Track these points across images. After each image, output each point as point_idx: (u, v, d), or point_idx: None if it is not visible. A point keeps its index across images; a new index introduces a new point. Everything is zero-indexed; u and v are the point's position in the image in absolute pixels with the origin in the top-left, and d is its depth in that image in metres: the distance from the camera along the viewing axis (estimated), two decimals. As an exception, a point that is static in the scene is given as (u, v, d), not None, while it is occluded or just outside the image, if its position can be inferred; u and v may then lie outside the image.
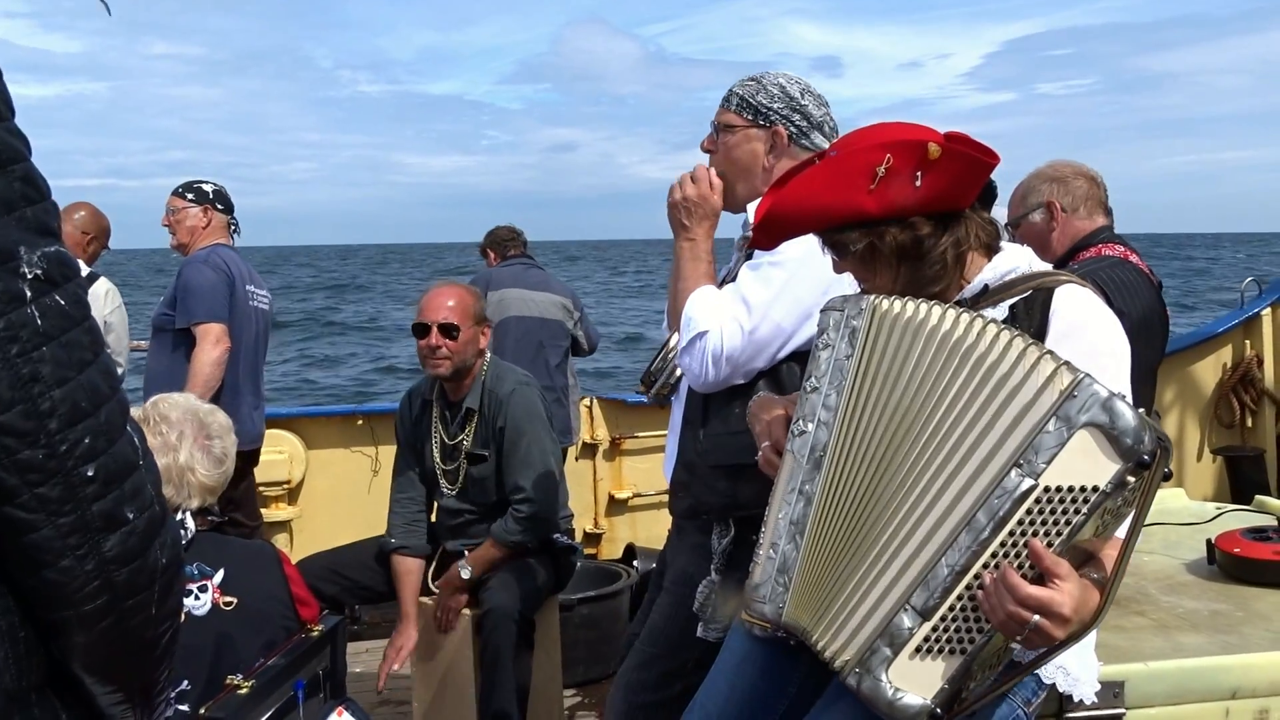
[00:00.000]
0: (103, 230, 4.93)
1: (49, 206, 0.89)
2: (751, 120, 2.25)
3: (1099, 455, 1.38)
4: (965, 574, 1.45)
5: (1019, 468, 1.42)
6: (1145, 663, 2.01)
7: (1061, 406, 1.40)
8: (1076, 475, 1.40)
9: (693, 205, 2.25)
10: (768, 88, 2.26)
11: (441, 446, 3.57)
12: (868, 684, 1.50)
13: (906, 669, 1.48)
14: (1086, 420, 1.39)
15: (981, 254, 1.72)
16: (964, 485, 1.48)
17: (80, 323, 0.89)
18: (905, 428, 1.55)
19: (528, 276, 5.44)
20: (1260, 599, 2.34)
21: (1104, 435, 1.38)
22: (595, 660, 4.24)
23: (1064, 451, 1.40)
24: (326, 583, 3.44)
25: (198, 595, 2.21)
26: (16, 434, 0.83)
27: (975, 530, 1.45)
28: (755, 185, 2.24)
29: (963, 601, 1.46)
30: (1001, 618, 1.41)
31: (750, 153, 2.26)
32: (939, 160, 1.58)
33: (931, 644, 1.48)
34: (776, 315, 2.11)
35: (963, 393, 1.50)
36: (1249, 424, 5.76)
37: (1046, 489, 1.41)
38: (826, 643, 1.58)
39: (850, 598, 1.56)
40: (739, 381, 2.16)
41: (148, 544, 0.92)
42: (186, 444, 2.27)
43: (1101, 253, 2.98)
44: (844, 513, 1.59)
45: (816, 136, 2.26)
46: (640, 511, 5.69)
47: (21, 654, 0.89)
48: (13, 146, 0.87)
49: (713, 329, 2.13)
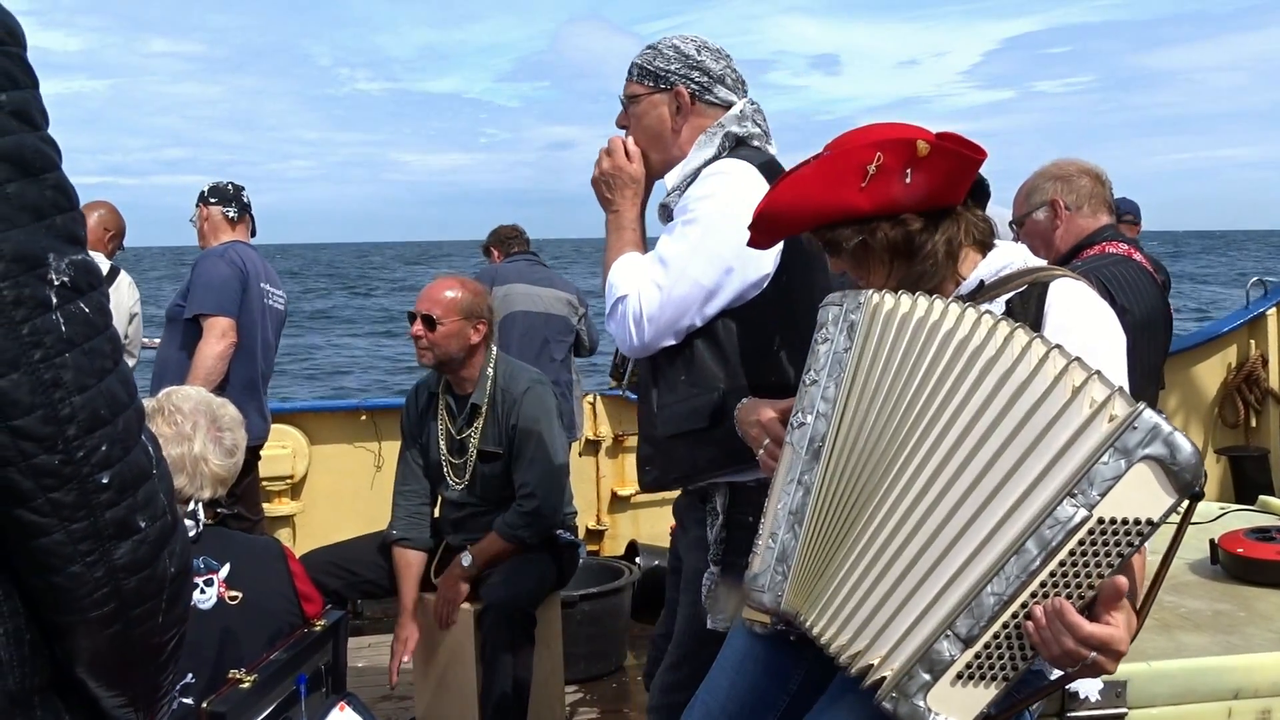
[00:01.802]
0: (120, 228, 5.09)
1: (77, 215, 0.90)
2: (653, 86, 2.27)
3: (1156, 488, 1.37)
4: (1012, 603, 1.43)
5: (1072, 498, 1.39)
6: (1148, 662, 2.01)
7: (1120, 438, 1.38)
8: (1132, 508, 1.38)
9: (610, 177, 2.28)
10: (663, 51, 2.28)
11: (448, 439, 3.58)
12: (905, 709, 1.48)
13: (946, 695, 1.47)
14: (1146, 454, 1.37)
15: (976, 250, 1.75)
16: (994, 494, 1.46)
17: (103, 330, 0.89)
18: (902, 420, 1.57)
19: (532, 272, 5.45)
20: (1263, 599, 2.34)
21: (1163, 469, 1.36)
22: (597, 656, 4.25)
23: (1120, 484, 1.37)
24: (329, 577, 3.45)
25: (203, 589, 2.22)
26: (35, 438, 0.84)
27: (1024, 559, 1.42)
28: (669, 149, 2.28)
29: (1008, 630, 1.45)
30: (1057, 653, 1.40)
31: (658, 118, 2.28)
32: (928, 157, 1.62)
33: (974, 671, 1.47)
34: (694, 271, 2.11)
35: (959, 386, 1.51)
36: (1253, 424, 5.75)
37: (1100, 520, 1.39)
38: (822, 629, 1.60)
39: (844, 585, 1.58)
40: (670, 342, 2.17)
41: (158, 552, 0.93)
42: (200, 435, 2.28)
43: (1105, 250, 2.98)
44: (842, 502, 1.61)
45: (720, 90, 2.27)
46: (643, 508, 5.69)
47: (26, 656, 0.90)
48: (46, 155, 0.88)
49: (631, 292, 2.15)
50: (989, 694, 1.46)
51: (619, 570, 4.53)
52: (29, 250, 0.84)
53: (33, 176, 0.86)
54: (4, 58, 0.86)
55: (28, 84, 0.88)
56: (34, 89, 0.89)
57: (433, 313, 3.44)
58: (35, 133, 0.87)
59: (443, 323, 3.44)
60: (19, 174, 0.85)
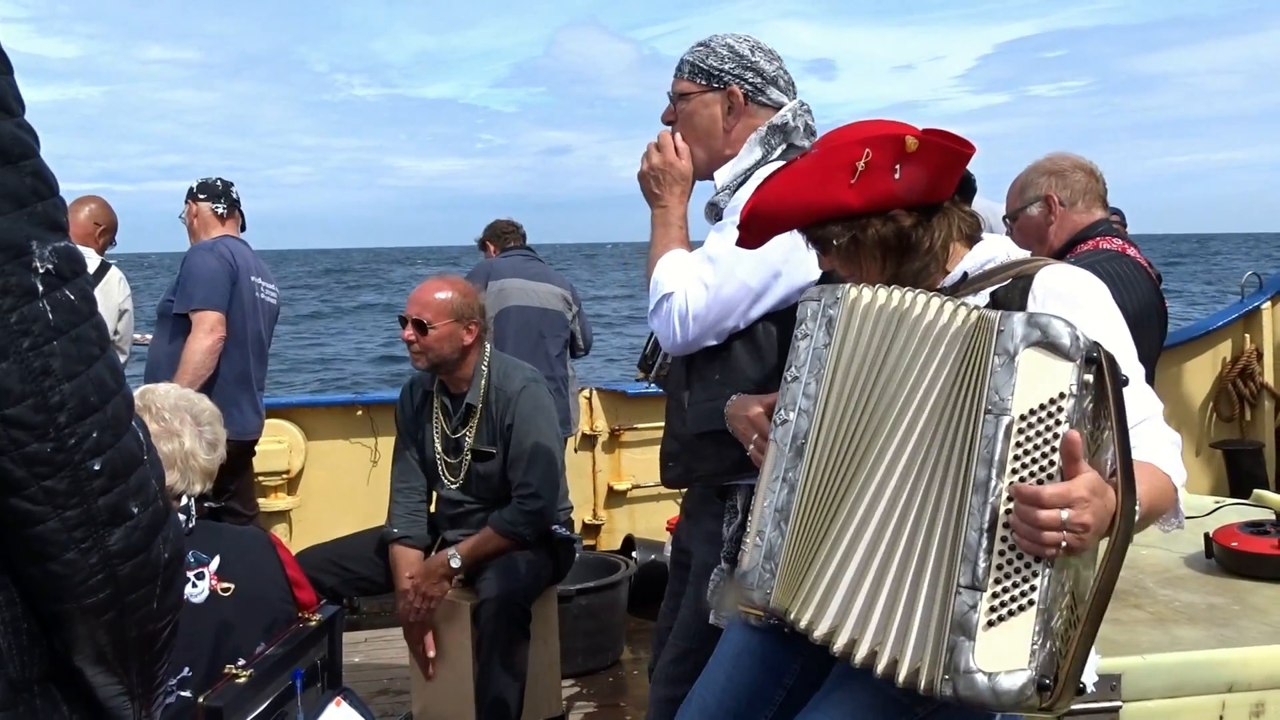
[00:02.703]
0: (112, 223, 5.04)
1: (58, 202, 0.90)
2: (706, 84, 2.25)
3: (1050, 366, 1.44)
4: (995, 528, 1.44)
5: (989, 413, 1.46)
6: (1142, 655, 2.02)
7: (998, 343, 1.47)
8: (1040, 394, 1.45)
9: (659, 173, 2.27)
10: (717, 50, 2.26)
11: (443, 439, 3.57)
12: (964, 685, 1.42)
13: (989, 647, 1.42)
14: (1023, 343, 1.46)
15: (963, 244, 1.76)
16: (949, 454, 1.50)
17: (89, 317, 0.89)
18: (882, 412, 1.59)
19: (527, 267, 5.43)
20: (1257, 593, 2.35)
21: (1044, 349, 1.45)
22: (593, 651, 4.26)
23: (1019, 378, 1.45)
24: (325, 574, 3.44)
25: (195, 583, 2.22)
26: (26, 427, 0.84)
27: (981, 486, 1.45)
28: (718, 148, 2.26)
29: (1005, 554, 1.44)
30: (1037, 535, 1.39)
31: (709, 117, 2.26)
32: (917, 152, 1.62)
33: (1000, 610, 1.43)
34: (742, 273, 2.11)
35: (926, 369, 1.56)
36: (1248, 418, 5.76)
37: (1022, 416, 1.45)
38: (809, 621, 1.59)
39: (825, 576, 1.58)
40: (711, 342, 2.16)
41: (151, 538, 0.93)
42: (188, 430, 2.28)
43: (1099, 246, 2.98)
44: (825, 498, 1.61)
45: (772, 91, 2.26)
46: (639, 503, 5.70)
47: (25, 645, 0.90)
48: (23, 141, 0.87)
49: (678, 290, 2.14)
50: (1028, 626, 1.41)
51: (615, 565, 4.54)
52: (12, 238, 0.84)
53: (11, 164, 0.85)
54: None
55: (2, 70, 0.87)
56: (8, 75, 0.88)
57: (423, 316, 3.41)
58: (11, 119, 0.87)
59: (434, 326, 3.40)
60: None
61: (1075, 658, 1.44)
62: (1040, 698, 1.40)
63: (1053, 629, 1.43)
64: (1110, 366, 1.46)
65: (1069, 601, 1.47)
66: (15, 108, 0.87)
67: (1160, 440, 1.64)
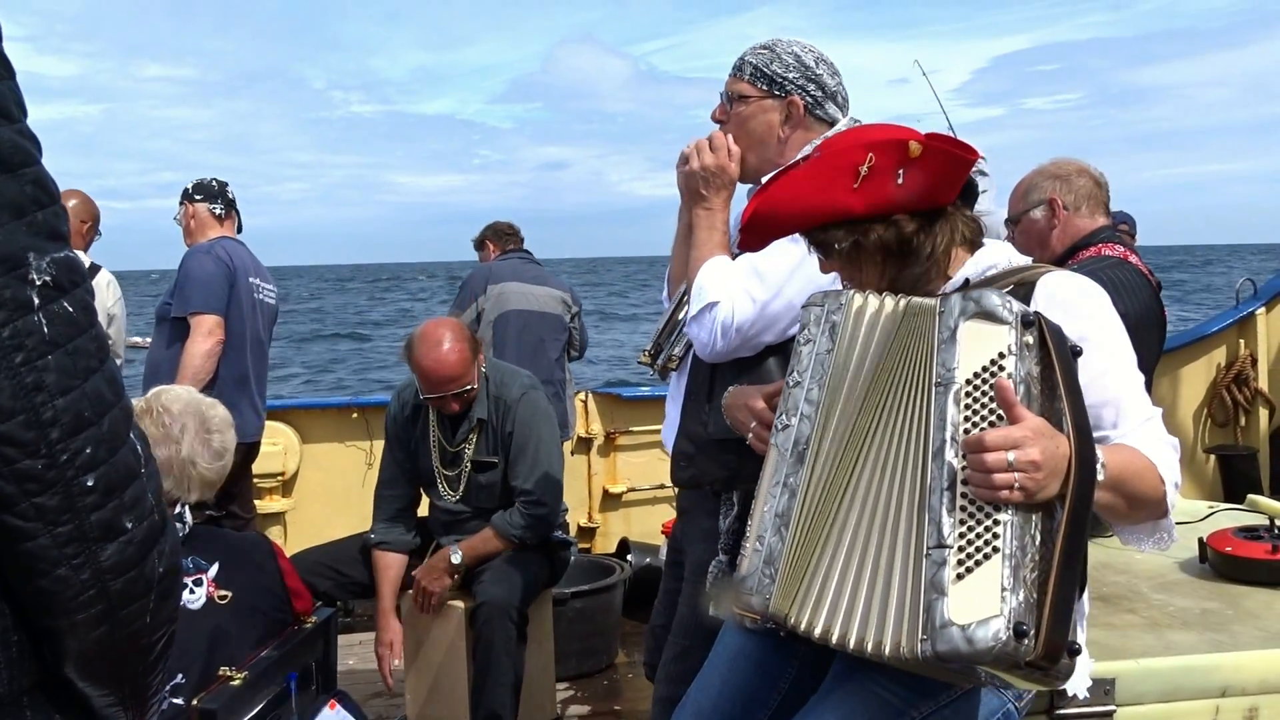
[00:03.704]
0: (95, 214, 4.93)
1: (58, 210, 0.88)
2: (766, 90, 2.21)
3: (987, 333, 1.51)
4: (954, 487, 1.47)
5: (939, 386, 1.52)
6: (1136, 660, 2.02)
7: (940, 324, 1.55)
8: (982, 355, 1.51)
9: (710, 175, 2.20)
10: (782, 56, 2.22)
11: (441, 451, 3.55)
12: (941, 640, 1.41)
13: (960, 599, 1.42)
14: (960, 317, 1.53)
15: (965, 250, 1.76)
16: (912, 436, 1.54)
17: (87, 329, 0.88)
18: (867, 412, 1.60)
19: (526, 270, 5.40)
20: (1251, 597, 2.35)
21: (979, 318, 1.52)
22: (588, 654, 4.25)
23: (959, 348, 1.52)
24: (319, 577, 3.43)
25: (192, 589, 2.21)
26: (17, 444, 0.82)
27: (938, 453, 1.50)
28: (769, 157, 2.21)
29: (967, 509, 1.46)
30: (989, 479, 1.43)
31: (765, 124, 2.22)
32: (920, 158, 1.62)
33: (966, 562, 1.44)
34: (790, 291, 2.08)
35: (896, 365, 1.59)
36: (1242, 423, 5.77)
37: (968, 380, 1.51)
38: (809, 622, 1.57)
39: (819, 575, 1.58)
40: (746, 354, 2.16)
41: (146, 553, 0.92)
42: (188, 437, 2.25)
43: (1101, 252, 2.97)
44: (826, 503, 1.61)
45: (830, 107, 2.23)
46: (635, 506, 5.69)
47: (14, 658, 0.89)
48: (24, 149, 0.86)
49: (724, 299, 2.11)
50: (995, 574, 1.41)
51: (610, 568, 4.53)
52: (8, 250, 0.82)
53: (10, 172, 0.84)
54: None
55: (2, 75, 0.86)
56: (10, 80, 0.86)
57: (461, 385, 3.38)
58: (11, 125, 0.85)
59: (471, 385, 3.41)
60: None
61: (1054, 606, 1.42)
62: (1019, 645, 1.38)
63: (1024, 577, 1.42)
64: (1053, 332, 1.51)
65: (1040, 551, 1.46)
66: (16, 113, 0.86)
67: (1156, 439, 1.66)
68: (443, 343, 3.35)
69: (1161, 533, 1.69)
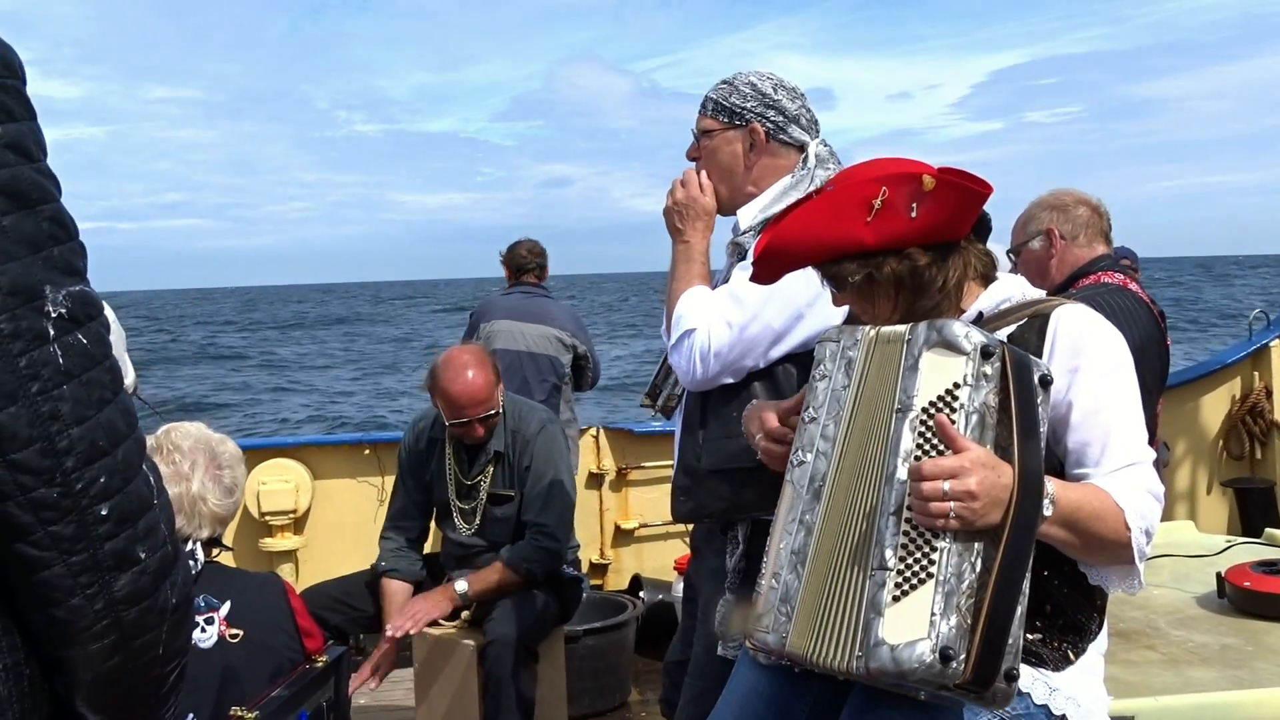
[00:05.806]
0: None
1: (76, 246, 0.90)
2: (728, 122, 2.29)
3: (946, 362, 1.55)
4: (899, 512, 1.51)
5: (899, 413, 1.56)
6: (1155, 697, 2.00)
7: (906, 352, 1.59)
8: (938, 384, 1.55)
9: (683, 208, 2.29)
10: (739, 88, 2.29)
11: (457, 484, 3.55)
12: (872, 658, 1.47)
13: (893, 620, 1.47)
14: (924, 346, 1.57)
15: (978, 284, 1.77)
16: (877, 463, 1.57)
17: (101, 361, 0.89)
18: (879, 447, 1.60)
19: (525, 307, 5.37)
20: (1271, 633, 2.33)
21: (941, 348, 1.56)
22: (600, 691, 4.22)
23: (920, 377, 1.56)
24: (331, 612, 3.43)
25: (204, 628, 2.20)
26: (33, 472, 0.84)
27: (890, 477, 1.53)
28: (739, 185, 2.30)
29: (910, 534, 1.50)
30: (925, 506, 1.47)
31: (731, 154, 2.29)
32: (933, 191, 1.63)
33: (903, 585, 1.48)
34: (768, 314, 2.13)
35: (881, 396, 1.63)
36: (1258, 456, 5.73)
37: (924, 408, 1.54)
38: (823, 656, 1.57)
39: (831, 608, 1.58)
40: (729, 380, 2.18)
41: (159, 583, 0.92)
42: (199, 473, 2.26)
43: (1101, 280, 2.99)
44: (842, 540, 1.60)
45: (794, 130, 2.29)
46: (647, 542, 5.66)
47: (25, 692, 0.89)
48: (43, 187, 0.88)
49: (700, 326, 2.15)
50: (927, 598, 1.46)
51: (623, 605, 4.50)
52: (25, 282, 0.84)
53: (29, 209, 0.86)
54: (0, 91, 0.87)
55: (24, 116, 0.88)
56: (31, 120, 0.89)
57: (488, 409, 3.42)
58: (32, 165, 0.88)
59: (494, 409, 3.45)
60: (15, 206, 0.85)
61: (986, 633, 1.46)
62: (945, 669, 1.43)
63: (958, 604, 1.47)
64: (1016, 362, 1.53)
65: (980, 579, 1.50)
66: (36, 153, 0.88)
67: (1133, 484, 1.64)
68: (468, 367, 3.43)
69: (1132, 579, 1.68)
